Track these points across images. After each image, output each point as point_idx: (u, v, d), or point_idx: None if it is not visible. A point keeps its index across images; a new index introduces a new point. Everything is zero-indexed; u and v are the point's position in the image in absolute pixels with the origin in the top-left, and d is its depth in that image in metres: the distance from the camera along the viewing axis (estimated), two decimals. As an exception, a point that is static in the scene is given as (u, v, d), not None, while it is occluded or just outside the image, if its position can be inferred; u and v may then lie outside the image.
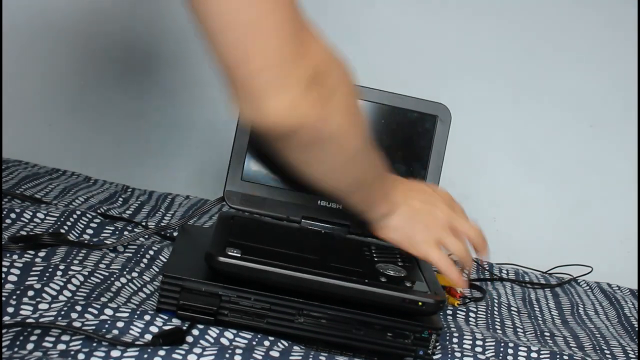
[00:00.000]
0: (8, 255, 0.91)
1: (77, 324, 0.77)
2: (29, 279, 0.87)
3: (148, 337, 0.78)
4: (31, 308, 0.79)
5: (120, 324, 0.79)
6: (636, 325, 1.19)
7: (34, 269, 0.88)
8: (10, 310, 0.78)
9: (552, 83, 1.54)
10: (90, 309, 0.81)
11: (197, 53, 1.54)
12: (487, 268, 1.38)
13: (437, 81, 1.53)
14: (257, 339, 0.82)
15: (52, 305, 0.80)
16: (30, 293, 0.82)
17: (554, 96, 1.55)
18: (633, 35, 1.51)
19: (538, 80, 1.55)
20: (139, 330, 0.79)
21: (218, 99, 1.52)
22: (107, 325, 0.78)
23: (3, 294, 0.80)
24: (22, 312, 0.78)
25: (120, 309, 0.82)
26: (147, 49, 1.54)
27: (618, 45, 1.53)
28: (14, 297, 0.80)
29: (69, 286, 0.85)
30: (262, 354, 0.77)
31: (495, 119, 1.55)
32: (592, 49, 1.54)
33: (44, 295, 0.83)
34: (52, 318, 0.77)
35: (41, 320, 0.76)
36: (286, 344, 0.82)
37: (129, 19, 1.54)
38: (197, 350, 0.75)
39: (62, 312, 0.79)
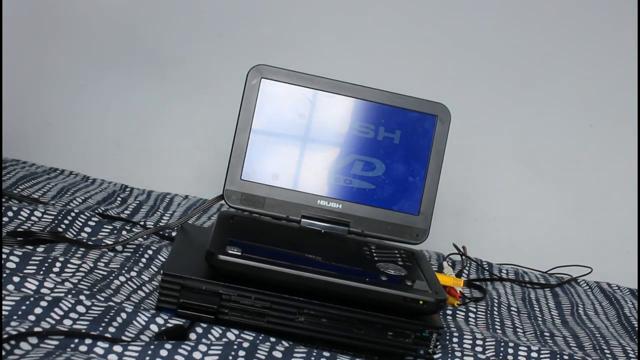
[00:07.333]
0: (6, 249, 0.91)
1: (80, 324, 0.76)
2: (26, 271, 0.86)
3: (149, 334, 0.78)
4: (30, 303, 0.78)
5: (120, 320, 0.78)
6: (636, 325, 1.19)
7: (31, 262, 0.88)
8: (10, 303, 0.77)
9: (552, 83, 1.54)
10: (93, 306, 0.80)
11: (198, 53, 1.55)
12: (487, 268, 1.38)
13: (437, 81, 1.53)
14: (259, 339, 0.82)
15: (52, 300, 0.79)
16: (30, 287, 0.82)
17: (554, 96, 1.55)
18: (633, 35, 1.51)
19: (538, 80, 1.54)
20: (140, 327, 0.78)
21: (218, 99, 1.53)
22: (107, 319, 0.78)
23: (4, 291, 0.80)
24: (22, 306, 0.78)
25: (124, 304, 0.82)
26: (148, 49, 1.54)
27: (618, 45, 1.53)
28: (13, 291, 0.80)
29: (67, 284, 0.85)
30: (265, 353, 0.77)
31: (495, 119, 1.55)
32: (592, 49, 1.54)
33: (43, 290, 0.82)
34: (54, 318, 0.77)
35: (41, 319, 0.76)
36: (288, 344, 0.82)
37: (129, 19, 1.53)
38: (203, 347, 0.75)
39: (64, 307, 0.78)
